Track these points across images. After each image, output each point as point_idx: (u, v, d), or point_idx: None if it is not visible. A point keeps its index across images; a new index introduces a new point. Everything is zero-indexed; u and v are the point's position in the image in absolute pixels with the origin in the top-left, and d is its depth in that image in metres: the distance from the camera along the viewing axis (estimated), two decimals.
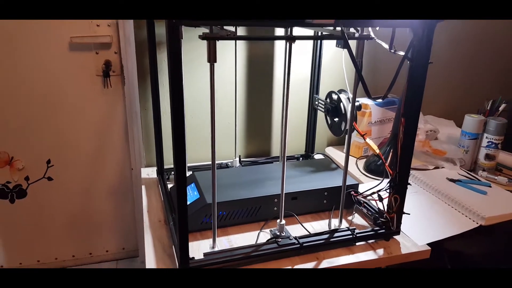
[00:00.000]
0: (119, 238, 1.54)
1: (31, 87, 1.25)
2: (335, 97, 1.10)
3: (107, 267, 1.55)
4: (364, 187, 1.03)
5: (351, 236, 0.87)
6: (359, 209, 1.01)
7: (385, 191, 0.91)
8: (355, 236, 0.87)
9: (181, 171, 0.70)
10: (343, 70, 1.12)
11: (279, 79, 1.33)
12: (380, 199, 0.93)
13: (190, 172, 1.09)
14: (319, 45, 1.21)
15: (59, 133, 1.33)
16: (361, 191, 1.00)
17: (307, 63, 1.28)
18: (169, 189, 1.06)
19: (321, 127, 1.31)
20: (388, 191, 0.90)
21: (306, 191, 0.98)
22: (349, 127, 0.90)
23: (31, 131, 1.30)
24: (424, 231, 0.93)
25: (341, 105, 1.06)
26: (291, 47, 0.74)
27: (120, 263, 1.56)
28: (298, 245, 0.83)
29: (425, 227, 0.95)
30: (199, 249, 0.85)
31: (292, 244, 0.83)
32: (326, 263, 0.82)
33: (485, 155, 1.23)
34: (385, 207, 0.91)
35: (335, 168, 1.12)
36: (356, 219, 0.99)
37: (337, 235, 0.87)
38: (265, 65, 1.30)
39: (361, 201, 1.00)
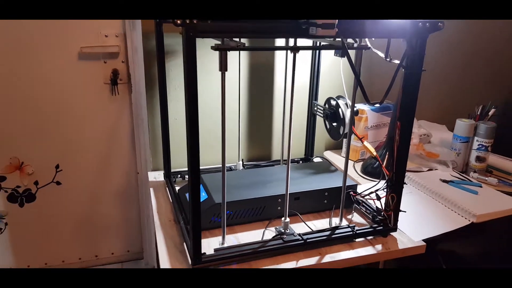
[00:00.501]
0: (124, 240, 1.58)
1: (41, 94, 1.30)
2: (333, 103, 1.16)
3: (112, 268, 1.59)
4: (362, 188, 1.09)
5: (351, 232, 0.93)
6: (358, 208, 1.07)
7: (383, 190, 0.97)
8: (355, 232, 0.93)
9: (195, 172, 0.76)
10: (341, 77, 1.18)
11: (279, 86, 1.39)
12: (378, 198, 0.99)
13: None
14: (317, 54, 1.27)
15: (68, 139, 1.38)
16: (359, 192, 1.06)
17: (306, 71, 1.34)
18: (177, 191, 1.11)
19: (319, 132, 1.37)
20: (385, 190, 0.96)
21: (308, 191, 1.03)
22: (349, 131, 0.96)
23: (40, 137, 1.35)
24: (419, 228, 0.99)
25: (340, 110, 1.12)
26: (295, 56, 0.80)
27: (125, 265, 1.60)
28: (302, 241, 0.89)
29: (420, 225, 1.01)
30: (209, 245, 0.90)
31: (296, 240, 0.89)
32: (328, 258, 0.88)
33: (476, 157, 1.30)
34: (383, 206, 0.97)
35: (334, 170, 1.18)
36: (355, 217, 1.05)
37: (338, 231, 0.93)
38: (265, 73, 1.36)
39: (360, 201, 1.06)
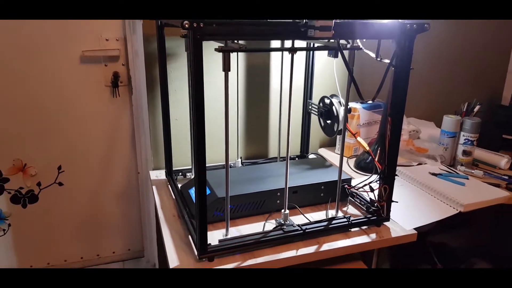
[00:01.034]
0: (125, 239, 1.62)
1: (44, 97, 1.34)
2: (327, 101, 1.22)
3: (114, 267, 1.62)
4: (355, 182, 1.14)
5: (347, 222, 0.99)
6: (352, 200, 1.12)
7: (376, 182, 1.03)
8: (350, 222, 0.99)
9: (202, 169, 0.80)
10: (335, 77, 1.24)
11: (274, 86, 1.44)
12: (371, 190, 1.05)
13: None
14: (311, 55, 1.33)
15: (70, 140, 1.42)
16: (354, 185, 1.12)
17: (300, 71, 1.40)
18: (180, 187, 1.15)
19: (313, 129, 1.43)
20: (378, 182, 1.02)
21: (305, 185, 1.09)
22: (343, 127, 1.01)
23: (43, 139, 1.39)
24: (410, 218, 1.05)
25: (333, 108, 1.18)
26: (293, 57, 0.86)
27: (126, 264, 1.64)
28: (301, 231, 0.94)
29: (411, 214, 1.07)
30: (213, 238, 0.94)
31: (296, 230, 0.94)
32: (326, 246, 0.93)
33: (462, 151, 1.37)
34: (376, 197, 1.03)
35: (329, 165, 1.24)
36: (350, 209, 1.11)
37: (335, 222, 0.98)
38: (262, 74, 1.41)
39: (354, 193, 1.12)
